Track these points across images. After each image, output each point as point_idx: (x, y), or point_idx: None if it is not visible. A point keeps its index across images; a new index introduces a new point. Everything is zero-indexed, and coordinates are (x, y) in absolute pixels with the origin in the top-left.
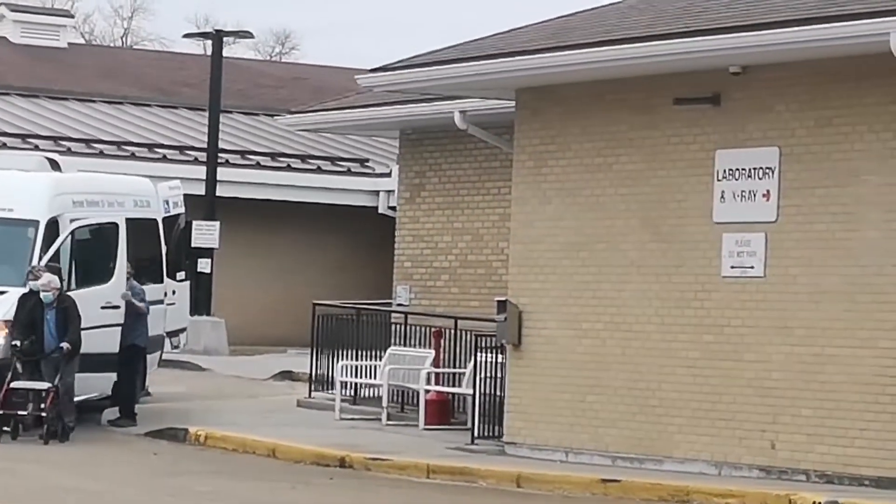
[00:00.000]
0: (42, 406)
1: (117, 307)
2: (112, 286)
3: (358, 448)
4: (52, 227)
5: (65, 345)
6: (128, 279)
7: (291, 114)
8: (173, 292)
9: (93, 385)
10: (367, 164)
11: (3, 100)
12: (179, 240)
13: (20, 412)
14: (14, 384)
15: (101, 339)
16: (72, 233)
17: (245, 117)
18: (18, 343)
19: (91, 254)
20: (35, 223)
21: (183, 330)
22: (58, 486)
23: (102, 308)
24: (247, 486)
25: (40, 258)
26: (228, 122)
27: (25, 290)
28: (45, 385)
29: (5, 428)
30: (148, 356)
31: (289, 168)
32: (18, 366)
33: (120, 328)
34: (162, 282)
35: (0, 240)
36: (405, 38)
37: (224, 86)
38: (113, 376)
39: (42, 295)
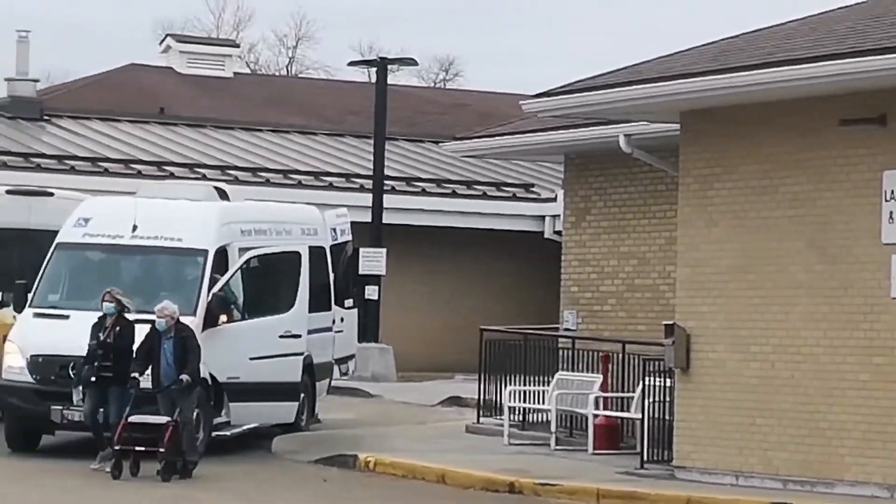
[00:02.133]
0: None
1: (298, 336)
2: (293, 315)
3: (527, 473)
4: (221, 256)
5: (184, 377)
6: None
7: (456, 140)
8: (341, 319)
9: (272, 414)
10: (532, 189)
11: (171, 130)
12: (347, 267)
13: (137, 447)
14: (132, 418)
15: (280, 368)
16: (247, 262)
17: (410, 144)
18: (137, 374)
19: (268, 283)
20: (204, 252)
21: (351, 357)
22: None
23: (281, 337)
24: None
25: (209, 287)
26: (394, 149)
27: (100, 314)
28: (163, 419)
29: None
30: (317, 383)
31: (454, 194)
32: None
33: (301, 357)
34: (330, 309)
35: (169, 269)
36: (569, 63)
37: (389, 113)
38: (293, 405)
39: (157, 322)
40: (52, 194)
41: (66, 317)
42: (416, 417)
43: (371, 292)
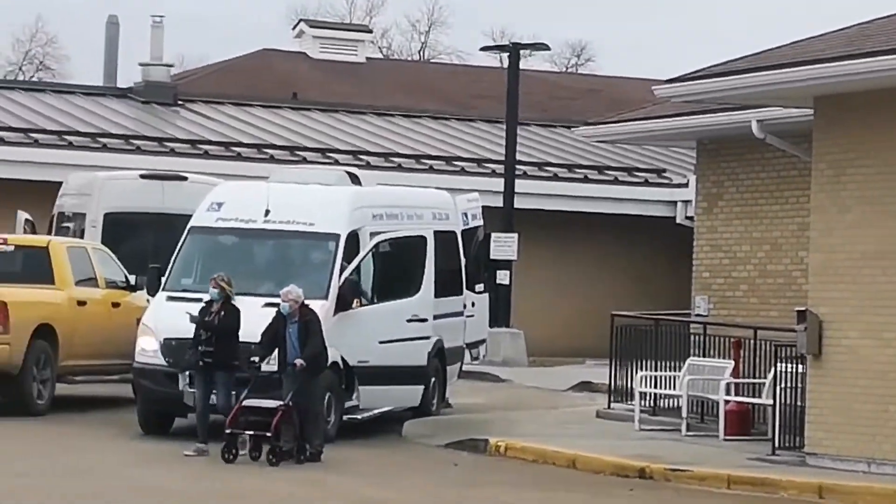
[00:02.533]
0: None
1: (424, 320)
2: (420, 299)
3: (658, 459)
4: (353, 240)
5: (298, 360)
6: None
7: (588, 125)
8: (472, 304)
9: (398, 397)
10: (664, 174)
11: (304, 115)
12: (478, 252)
13: (248, 431)
14: (247, 402)
15: (408, 352)
16: (375, 246)
17: (542, 129)
18: (256, 359)
19: (396, 267)
20: (336, 237)
21: (482, 341)
22: (365, 498)
23: (409, 321)
24: (547, 496)
25: (341, 272)
26: (525, 134)
27: (207, 298)
28: (275, 403)
29: (242, 451)
30: (448, 368)
31: (586, 179)
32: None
33: (427, 341)
34: (461, 294)
35: (301, 253)
36: (701, 48)
37: (521, 98)
38: (419, 389)
39: (281, 306)
40: (185, 178)
41: (199, 300)
42: (546, 402)
43: (502, 277)
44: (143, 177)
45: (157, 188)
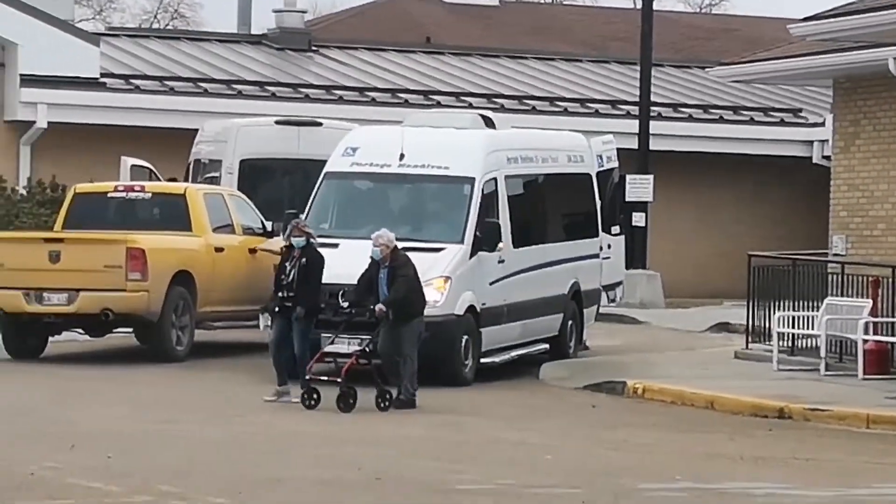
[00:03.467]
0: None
1: (561, 261)
2: (557, 241)
3: (797, 399)
4: (488, 183)
5: (379, 306)
6: None
7: (723, 65)
8: (608, 246)
9: (538, 329)
10: (800, 114)
11: (437, 59)
12: (613, 194)
13: (321, 377)
14: (327, 348)
15: (544, 292)
16: (511, 188)
17: (676, 70)
18: (346, 304)
19: (531, 209)
20: (471, 180)
21: (619, 284)
22: (502, 440)
23: (547, 264)
24: (685, 437)
25: (476, 215)
26: (659, 76)
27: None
28: (351, 350)
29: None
30: (585, 310)
31: (721, 120)
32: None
33: (565, 283)
34: (597, 236)
35: (436, 198)
36: None
37: (655, 39)
38: (557, 318)
39: (372, 251)
40: (320, 124)
41: (336, 245)
42: (683, 344)
43: (638, 219)
44: (278, 123)
45: (292, 134)
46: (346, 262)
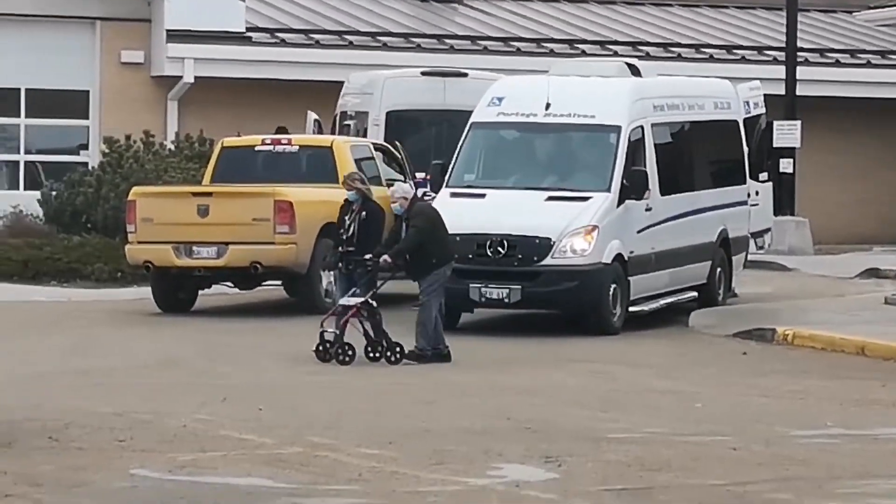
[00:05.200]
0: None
1: (710, 209)
2: (706, 188)
3: None
4: (635, 132)
5: (384, 257)
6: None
7: (871, 9)
8: (756, 193)
9: (687, 277)
10: None
11: (582, 7)
12: (761, 140)
13: (330, 329)
14: (342, 301)
15: (693, 237)
16: (659, 136)
17: (823, 14)
18: (369, 256)
19: (679, 157)
20: (617, 129)
21: (767, 230)
22: (651, 388)
23: (696, 211)
24: (836, 384)
25: (624, 164)
26: (806, 20)
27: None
28: (353, 301)
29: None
30: (734, 258)
31: (869, 64)
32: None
33: (714, 230)
34: (745, 183)
35: (582, 147)
36: None
37: None
38: (706, 265)
39: (392, 207)
40: (466, 75)
41: (482, 195)
42: (833, 290)
43: (786, 165)
44: (424, 74)
45: (438, 85)
46: (493, 213)
